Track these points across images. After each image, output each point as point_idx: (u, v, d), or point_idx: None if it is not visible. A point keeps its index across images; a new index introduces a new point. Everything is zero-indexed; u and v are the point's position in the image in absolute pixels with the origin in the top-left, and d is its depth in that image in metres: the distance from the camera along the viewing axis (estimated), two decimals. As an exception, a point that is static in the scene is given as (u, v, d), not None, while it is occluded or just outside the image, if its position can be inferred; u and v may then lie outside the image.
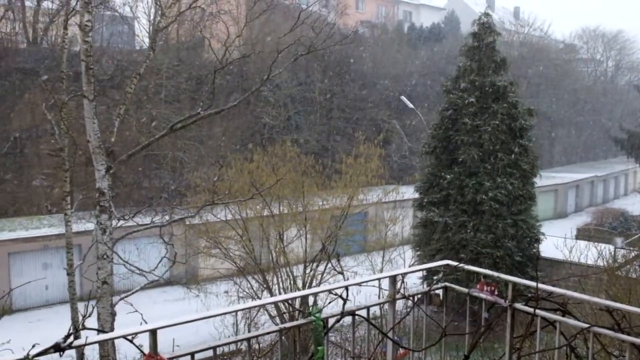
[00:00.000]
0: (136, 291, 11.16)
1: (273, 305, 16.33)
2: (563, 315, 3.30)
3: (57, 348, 2.41)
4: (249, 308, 13.42)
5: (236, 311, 11.14)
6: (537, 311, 3.34)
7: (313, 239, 18.87)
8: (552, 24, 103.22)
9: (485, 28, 21.43)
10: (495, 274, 3.71)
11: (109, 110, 24.38)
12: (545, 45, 60.64)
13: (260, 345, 10.85)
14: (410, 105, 31.12)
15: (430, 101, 40.36)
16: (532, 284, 3.42)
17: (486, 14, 22.05)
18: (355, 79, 41.36)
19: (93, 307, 6.73)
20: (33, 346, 2.42)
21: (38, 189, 28.13)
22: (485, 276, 3.75)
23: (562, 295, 3.41)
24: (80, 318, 9.93)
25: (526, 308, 3.42)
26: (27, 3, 32.63)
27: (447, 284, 4.05)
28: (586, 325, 3.17)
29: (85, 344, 2.56)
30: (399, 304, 3.99)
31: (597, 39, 70.90)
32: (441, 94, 23.63)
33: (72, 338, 2.44)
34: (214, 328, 15.15)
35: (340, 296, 3.38)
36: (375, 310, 4.19)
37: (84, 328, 2.75)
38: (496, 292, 3.57)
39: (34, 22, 32.37)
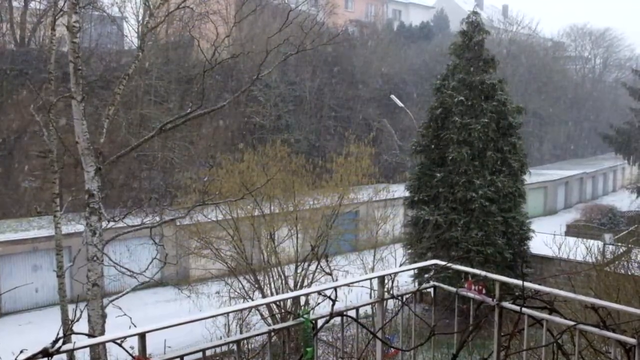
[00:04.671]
0: (127, 293, 11.12)
1: (265, 306, 16.29)
2: (550, 313, 3.33)
3: (45, 353, 2.40)
4: (239, 310, 13.38)
5: (226, 313, 11.12)
6: (524, 309, 3.37)
7: (304, 239, 18.86)
8: (541, 22, 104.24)
9: (474, 26, 21.52)
10: (483, 273, 3.73)
11: (98, 111, 24.26)
12: (534, 43, 61.01)
13: (252, 345, 10.82)
14: (400, 104, 31.16)
15: (420, 100, 40.46)
16: (519, 282, 3.45)
17: (475, 13, 22.16)
18: (345, 78, 41.39)
19: (81, 311, 6.69)
20: (21, 351, 2.40)
21: (27, 191, 27.92)
22: (473, 275, 3.78)
23: (549, 293, 3.44)
24: (71, 321, 9.86)
25: (513, 306, 3.45)
26: (15, 4, 32.33)
27: (436, 283, 4.07)
28: (572, 323, 3.21)
29: (74, 349, 2.54)
30: (391, 303, 4.00)
31: (585, 36, 71.46)
32: (431, 93, 23.70)
33: (60, 342, 2.42)
34: (206, 329, 15.12)
35: (329, 297, 3.38)
36: (367, 309, 4.20)
37: (73, 332, 2.72)
38: (484, 291, 3.60)
39: (21, 23, 32.07)
